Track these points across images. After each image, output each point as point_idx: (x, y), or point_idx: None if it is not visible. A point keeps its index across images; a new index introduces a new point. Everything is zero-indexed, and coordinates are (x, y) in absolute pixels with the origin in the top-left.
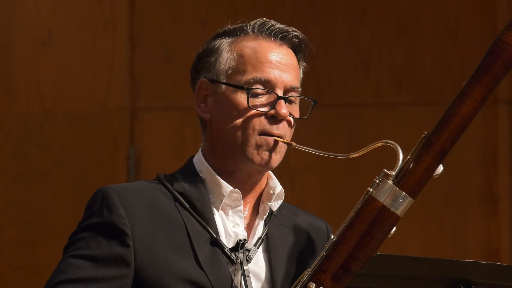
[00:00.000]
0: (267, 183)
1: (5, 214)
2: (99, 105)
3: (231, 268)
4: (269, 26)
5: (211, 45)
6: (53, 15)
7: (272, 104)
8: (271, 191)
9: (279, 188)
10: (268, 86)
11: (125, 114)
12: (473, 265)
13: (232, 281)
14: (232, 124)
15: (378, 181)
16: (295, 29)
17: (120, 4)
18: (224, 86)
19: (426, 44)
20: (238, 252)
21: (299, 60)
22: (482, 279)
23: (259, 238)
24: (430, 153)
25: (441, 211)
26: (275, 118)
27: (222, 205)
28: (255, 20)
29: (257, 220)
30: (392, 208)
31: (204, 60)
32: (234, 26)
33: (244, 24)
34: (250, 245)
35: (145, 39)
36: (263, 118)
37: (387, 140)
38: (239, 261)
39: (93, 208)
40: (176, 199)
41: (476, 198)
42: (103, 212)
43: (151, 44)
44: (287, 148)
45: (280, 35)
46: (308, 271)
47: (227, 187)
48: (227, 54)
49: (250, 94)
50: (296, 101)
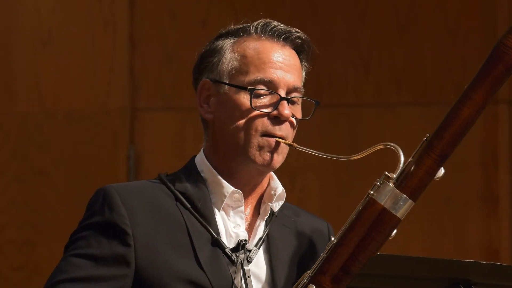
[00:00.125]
0: (268, 183)
1: (5, 214)
2: (99, 105)
3: (232, 269)
4: (272, 26)
5: (214, 45)
6: (53, 15)
7: (275, 105)
8: (272, 192)
9: (280, 189)
10: (271, 87)
11: (125, 114)
12: (473, 265)
13: (232, 281)
14: (235, 124)
15: (379, 183)
16: (297, 29)
17: (120, 4)
18: (226, 87)
19: (426, 44)
20: (238, 252)
21: (301, 61)
22: (482, 279)
23: (260, 239)
24: (431, 156)
25: (441, 211)
26: (277, 119)
27: (224, 205)
28: (258, 21)
29: (258, 221)
30: (392, 211)
31: (206, 60)
32: (237, 27)
33: (247, 24)
34: (251, 245)
35: (145, 39)
36: (265, 119)
37: (388, 143)
38: (239, 261)
39: (94, 207)
40: (177, 199)
41: (476, 198)
42: (104, 211)
43: (151, 44)
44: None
45: (283, 36)
46: (309, 273)
47: (228, 188)
48: (230, 55)
49: (253, 94)
50: (299, 101)
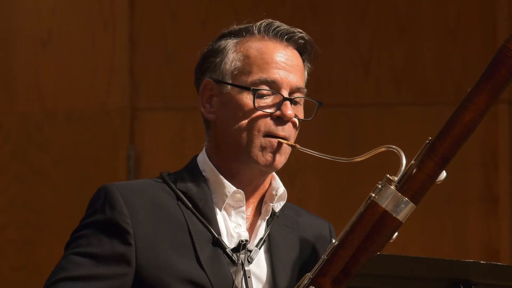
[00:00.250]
0: (270, 184)
1: (5, 214)
2: (99, 105)
3: (232, 269)
4: (275, 27)
5: (217, 45)
6: (53, 15)
7: (278, 105)
8: (273, 192)
9: (281, 189)
10: (274, 87)
11: (125, 114)
12: (473, 265)
13: (233, 281)
14: (237, 125)
15: (380, 186)
16: (300, 30)
17: (120, 4)
18: (229, 87)
19: (426, 44)
20: (239, 252)
21: (304, 61)
22: (482, 279)
23: (261, 239)
24: (433, 159)
25: (441, 211)
26: (280, 119)
27: (225, 205)
28: (261, 21)
29: (259, 221)
30: (394, 214)
31: (209, 60)
32: (240, 27)
33: (250, 24)
34: (251, 246)
35: (145, 39)
36: (268, 119)
37: (390, 145)
38: (240, 261)
39: (95, 205)
40: (178, 198)
41: (476, 198)
42: (105, 209)
43: (151, 44)
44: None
45: (286, 36)
46: (309, 275)
47: (230, 188)
48: (232, 55)
49: (256, 95)
50: (301, 102)
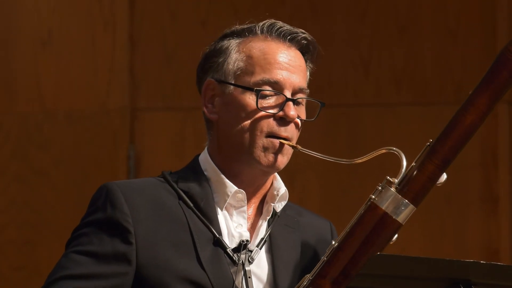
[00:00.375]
0: (271, 184)
1: (5, 214)
2: (99, 105)
3: (233, 269)
4: (278, 27)
5: (219, 45)
6: (53, 15)
7: (281, 106)
8: (275, 192)
9: (283, 189)
10: (277, 88)
11: (125, 114)
12: (473, 265)
13: (233, 282)
14: (240, 125)
15: (380, 188)
16: (303, 30)
17: (120, 4)
18: (232, 87)
19: (426, 44)
20: (240, 252)
21: (306, 61)
22: (482, 279)
23: (262, 239)
24: (433, 161)
25: (441, 211)
26: (283, 120)
27: (226, 205)
28: (264, 21)
29: (260, 221)
30: (394, 216)
31: (211, 60)
32: (242, 27)
33: (253, 24)
34: (252, 246)
35: (145, 39)
36: (271, 120)
37: (391, 147)
38: (241, 261)
39: (96, 204)
40: (180, 197)
41: (476, 198)
42: (106, 208)
43: (151, 44)
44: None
45: (289, 37)
46: (308, 276)
47: (231, 187)
48: (235, 55)
49: (258, 95)
50: (303, 102)
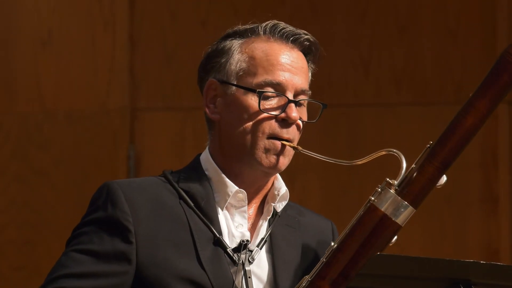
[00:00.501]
0: (272, 184)
1: (5, 214)
2: (99, 105)
3: (233, 269)
4: (280, 28)
5: (222, 45)
6: (53, 15)
7: (283, 107)
8: (276, 192)
9: (283, 189)
10: (279, 89)
11: (125, 114)
12: (473, 265)
13: (233, 281)
14: (242, 127)
15: (380, 189)
16: (306, 32)
17: (120, 4)
18: (234, 88)
19: (426, 44)
20: (240, 252)
21: (308, 62)
22: (482, 279)
23: (262, 239)
24: (433, 163)
25: (441, 211)
26: (285, 122)
27: (227, 205)
28: (266, 22)
29: (260, 221)
30: (393, 217)
31: (213, 60)
32: (245, 27)
33: (255, 25)
34: (253, 246)
35: (145, 39)
36: (273, 121)
37: (391, 149)
38: (241, 261)
39: (97, 203)
40: (181, 197)
41: (476, 198)
42: (107, 207)
43: (151, 44)
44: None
45: (291, 38)
46: (307, 277)
47: (232, 187)
48: (238, 56)
49: (261, 97)
50: (305, 104)
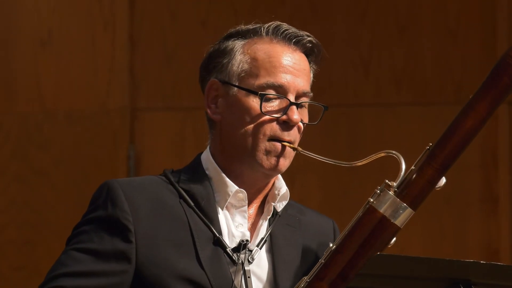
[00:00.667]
0: (273, 184)
1: (5, 214)
2: (99, 105)
3: (232, 269)
4: (283, 30)
5: (224, 45)
6: (53, 15)
7: (284, 109)
8: (276, 192)
9: (284, 189)
10: (281, 92)
11: (125, 114)
12: (473, 265)
13: (232, 281)
14: (244, 128)
15: (379, 191)
16: (308, 33)
17: (120, 4)
18: (236, 89)
19: (426, 44)
20: (240, 252)
21: (310, 63)
22: (482, 279)
23: (262, 239)
24: (432, 165)
25: (441, 211)
26: (286, 124)
27: (227, 204)
28: (269, 23)
29: (260, 221)
30: (392, 219)
31: (215, 60)
32: (248, 27)
33: (258, 26)
34: (253, 245)
35: (145, 39)
36: (274, 123)
37: (390, 151)
38: (240, 261)
39: (98, 201)
40: (181, 196)
41: (476, 198)
42: (107, 206)
43: (151, 44)
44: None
45: (294, 40)
46: (306, 279)
47: (232, 187)
48: (240, 57)
49: (263, 99)
50: (306, 105)
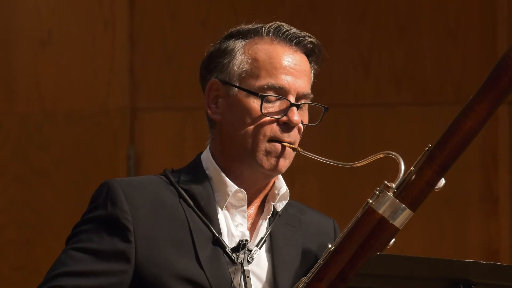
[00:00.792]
0: (273, 183)
1: (5, 214)
2: (99, 105)
3: (231, 269)
4: (284, 30)
5: (225, 45)
6: (53, 15)
7: (285, 111)
8: (276, 192)
9: (284, 189)
10: (281, 93)
11: (125, 114)
12: (473, 265)
13: (231, 281)
14: (244, 129)
15: (378, 192)
16: (309, 34)
17: (120, 4)
18: (236, 89)
19: (426, 44)
20: (239, 252)
21: (310, 63)
22: (482, 279)
23: (262, 239)
24: (432, 166)
25: (441, 211)
26: (286, 125)
27: (227, 204)
28: (270, 23)
29: (260, 221)
30: (391, 220)
31: (216, 60)
32: (249, 28)
33: (259, 26)
34: (252, 245)
35: (145, 39)
36: (274, 124)
37: (389, 151)
38: (239, 261)
39: (97, 201)
40: (180, 196)
41: (476, 198)
42: (107, 205)
43: (151, 44)
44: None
45: (295, 40)
46: (305, 279)
47: (232, 187)
48: (241, 57)
49: (263, 100)
50: (306, 106)
